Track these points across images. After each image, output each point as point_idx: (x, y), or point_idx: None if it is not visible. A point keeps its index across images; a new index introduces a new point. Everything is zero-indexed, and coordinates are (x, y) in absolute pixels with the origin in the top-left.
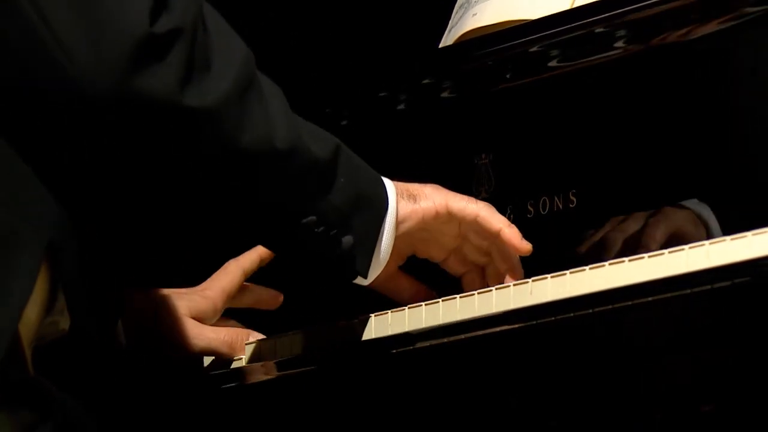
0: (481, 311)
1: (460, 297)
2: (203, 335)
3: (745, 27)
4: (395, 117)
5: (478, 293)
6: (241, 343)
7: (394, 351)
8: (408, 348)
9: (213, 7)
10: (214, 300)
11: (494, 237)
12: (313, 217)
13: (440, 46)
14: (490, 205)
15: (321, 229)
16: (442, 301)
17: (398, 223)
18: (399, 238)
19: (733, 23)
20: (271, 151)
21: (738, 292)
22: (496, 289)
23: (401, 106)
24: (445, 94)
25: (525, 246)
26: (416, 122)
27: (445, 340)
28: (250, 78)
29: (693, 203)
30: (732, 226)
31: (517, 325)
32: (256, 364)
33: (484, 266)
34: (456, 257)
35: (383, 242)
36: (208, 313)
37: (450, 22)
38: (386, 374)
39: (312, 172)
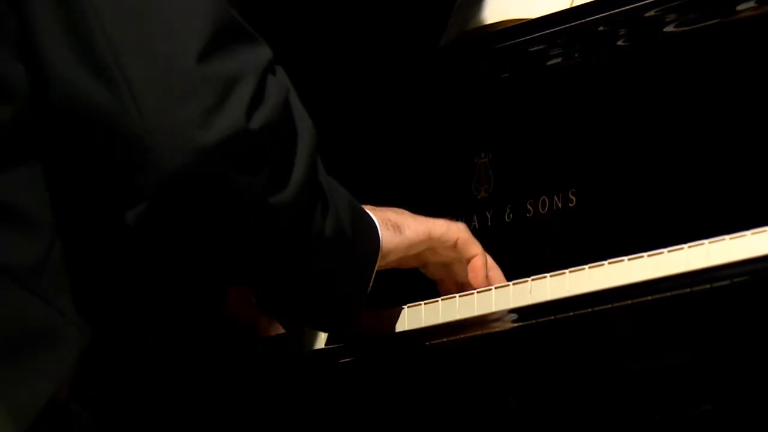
0: (481, 310)
1: (459, 296)
2: None
3: (745, 26)
4: (395, 116)
5: (478, 292)
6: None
7: (394, 350)
8: (408, 348)
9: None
10: None
11: (467, 260)
12: (330, 287)
13: (440, 45)
14: (467, 229)
15: (319, 297)
16: (442, 300)
17: (382, 256)
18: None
19: (733, 22)
20: (337, 235)
21: (737, 291)
22: (496, 288)
23: (401, 106)
24: (444, 94)
25: (481, 282)
26: (416, 122)
27: (445, 339)
28: (316, 161)
29: None
30: (731, 226)
31: (516, 325)
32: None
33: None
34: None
35: (370, 283)
36: None
37: (450, 21)
38: (388, 373)
39: (342, 249)
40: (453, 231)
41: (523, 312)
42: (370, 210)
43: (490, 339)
